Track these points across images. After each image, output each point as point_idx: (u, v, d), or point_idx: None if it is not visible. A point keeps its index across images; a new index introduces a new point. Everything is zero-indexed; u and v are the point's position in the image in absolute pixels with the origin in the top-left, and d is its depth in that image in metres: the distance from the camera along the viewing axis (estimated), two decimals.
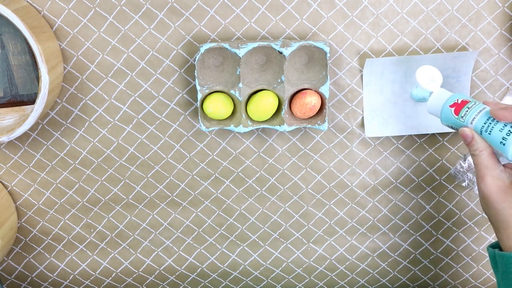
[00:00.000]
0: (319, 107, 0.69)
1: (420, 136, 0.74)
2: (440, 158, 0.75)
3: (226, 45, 0.66)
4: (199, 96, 0.68)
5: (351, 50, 0.71)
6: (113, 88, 0.72)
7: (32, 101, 0.71)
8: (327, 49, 0.66)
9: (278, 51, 0.66)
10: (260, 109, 0.69)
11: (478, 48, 0.70)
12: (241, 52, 0.65)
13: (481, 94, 0.73)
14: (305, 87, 0.69)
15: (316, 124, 0.70)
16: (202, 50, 0.66)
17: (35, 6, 0.67)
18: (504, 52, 0.71)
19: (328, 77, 0.68)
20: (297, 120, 0.71)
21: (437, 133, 0.74)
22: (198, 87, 0.68)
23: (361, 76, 0.71)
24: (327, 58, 0.67)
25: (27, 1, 0.67)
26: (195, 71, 0.67)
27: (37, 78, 0.70)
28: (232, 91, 0.68)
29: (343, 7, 0.69)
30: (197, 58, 0.66)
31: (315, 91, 0.69)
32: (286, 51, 0.66)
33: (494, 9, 0.69)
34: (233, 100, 0.70)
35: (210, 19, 0.69)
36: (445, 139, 0.75)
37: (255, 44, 0.66)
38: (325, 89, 0.68)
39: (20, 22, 0.60)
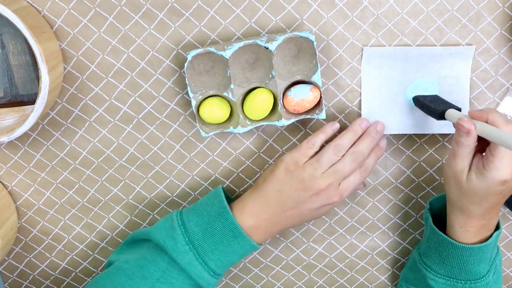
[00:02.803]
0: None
1: (420, 136, 0.74)
2: (440, 158, 0.76)
3: (212, 49, 0.65)
4: (193, 103, 0.68)
5: (351, 50, 0.71)
6: (113, 88, 0.72)
7: (32, 101, 0.71)
8: (312, 37, 0.66)
9: (265, 47, 0.66)
10: (255, 107, 0.69)
11: (478, 49, 0.70)
12: (227, 53, 0.65)
13: (481, 94, 0.73)
14: (298, 79, 0.69)
15: (315, 114, 0.70)
16: (189, 57, 0.66)
17: (35, 6, 0.67)
18: (504, 52, 0.71)
19: (319, 65, 0.67)
20: (294, 113, 0.70)
21: (437, 133, 0.74)
22: (191, 94, 0.68)
23: (359, 69, 0.71)
24: (315, 46, 0.66)
25: (27, 1, 0.67)
26: (186, 79, 0.67)
27: (37, 78, 0.70)
28: (225, 93, 0.68)
29: (343, 7, 0.69)
30: (185, 66, 0.66)
31: (308, 83, 0.69)
32: (272, 46, 0.65)
33: (494, 9, 0.69)
34: (229, 102, 0.70)
35: (210, 19, 0.69)
36: (445, 139, 0.75)
37: (241, 44, 0.66)
38: (317, 78, 0.68)
39: (20, 22, 0.60)
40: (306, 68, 0.69)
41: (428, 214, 0.71)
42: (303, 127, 0.74)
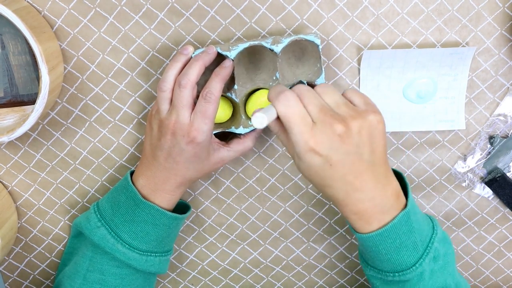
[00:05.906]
0: None
1: (420, 136, 0.74)
2: (440, 158, 0.76)
3: (218, 49, 0.65)
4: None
5: (351, 50, 0.71)
6: (113, 88, 0.72)
7: (32, 101, 0.71)
8: (318, 41, 0.66)
9: (270, 49, 0.66)
10: (257, 108, 0.68)
11: (479, 49, 0.70)
12: (232, 54, 0.65)
13: (481, 94, 0.73)
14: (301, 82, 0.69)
15: None
16: (193, 56, 0.66)
17: (36, 6, 0.67)
18: (504, 52, 0.71)
19: (323, 69, 0.68)
20: None
21: (437, 134, 0.74)
22: None
23: (359, 69, 0.71)
24: (319, 50, 0.66)
25: (28, 1, 0.67)
26: None
27: (38, 78, 0.70)
28: (228, 94, 0.68)
29: (343, 7, 0.69)
30: None
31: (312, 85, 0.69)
32: (277, 48, 0.65)
33: (495, 10, 0.69)
34: (232, 102, 0.70)
35: (211, 19, 0.69)
36: (445, 139, 0.75)
37: (246, 44, 0.66)
38: (321, 81, 0.68)
39: (20, 22, 0.60)
40: (310, 71, 0.69)
41: None
42: None
